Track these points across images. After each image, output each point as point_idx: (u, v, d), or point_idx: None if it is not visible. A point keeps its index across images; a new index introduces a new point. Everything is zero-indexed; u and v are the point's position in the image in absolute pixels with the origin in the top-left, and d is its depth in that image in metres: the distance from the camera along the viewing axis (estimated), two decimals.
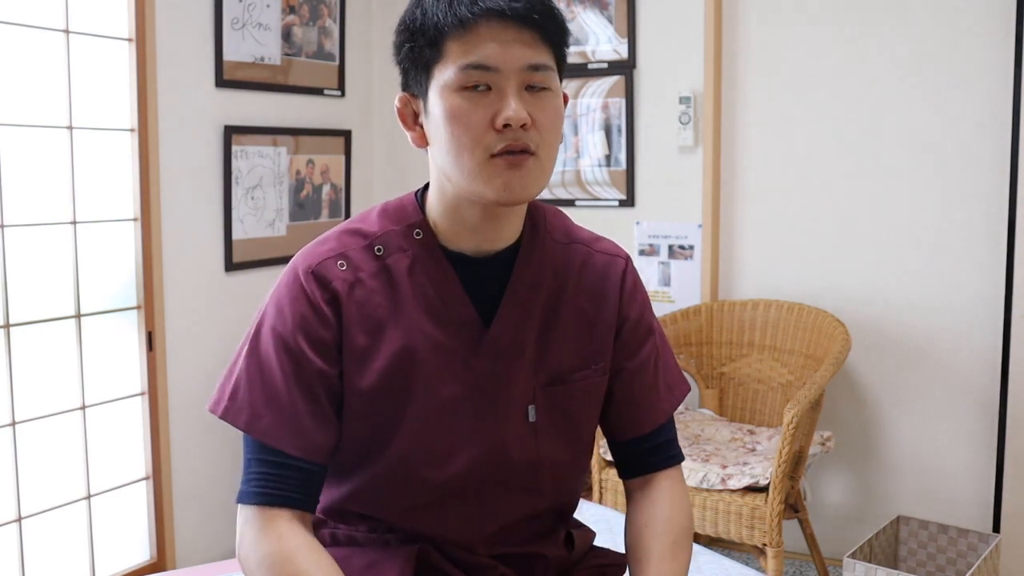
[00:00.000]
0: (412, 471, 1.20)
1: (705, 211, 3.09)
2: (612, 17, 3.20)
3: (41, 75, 2.56)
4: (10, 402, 2.50)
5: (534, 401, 1.23)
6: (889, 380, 2.91)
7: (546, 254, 1.24)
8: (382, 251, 1.19)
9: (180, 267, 2.90)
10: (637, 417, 1.31)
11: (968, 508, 2.82)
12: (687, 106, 3.08)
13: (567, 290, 1.25)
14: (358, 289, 1.18)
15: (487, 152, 1.10)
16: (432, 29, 1.11)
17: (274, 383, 1.17)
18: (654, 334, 1.32)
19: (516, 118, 1.09)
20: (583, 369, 1.25)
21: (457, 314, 1.20)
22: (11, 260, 2.49)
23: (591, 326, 1.26)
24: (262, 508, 1.16)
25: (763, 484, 2.41)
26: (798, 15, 2.95)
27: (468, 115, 1.10)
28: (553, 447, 1.25)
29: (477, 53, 1.09)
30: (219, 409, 1.21)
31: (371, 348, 1.18)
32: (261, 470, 1.17)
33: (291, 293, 1.19)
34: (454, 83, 1.10)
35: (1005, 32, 2.66)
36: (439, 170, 1.17)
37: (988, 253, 2.74)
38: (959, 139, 2.76)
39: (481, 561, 1.25)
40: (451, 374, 1.19)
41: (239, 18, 3.02)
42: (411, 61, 1.15)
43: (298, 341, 1.16)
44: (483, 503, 1.23)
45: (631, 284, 1.30)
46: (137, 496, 2.87)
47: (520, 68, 1.10)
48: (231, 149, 3.02)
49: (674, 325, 3.01)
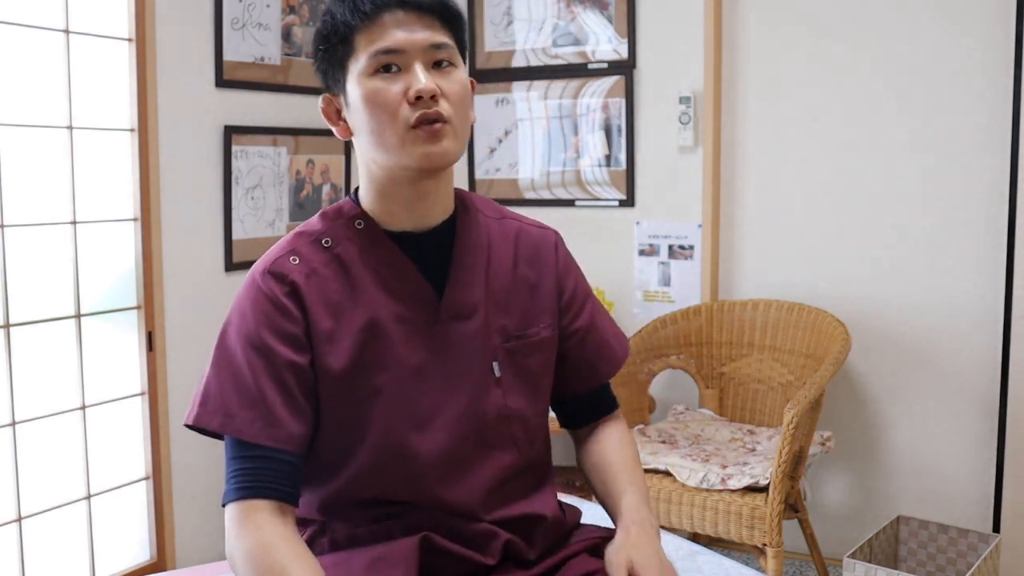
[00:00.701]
0: (399, 440, 1.27)
1: (705, 211, 3.09)
2: (612, 17, 3.20)
3: (41, 75, 2.56)
4: (10, 402, 2.50)
5: (497, 357, 1.33)
6: (889, 380, 2.91)
7: (480, 225, 1.37)
8: (330, 243, 1.29)
9: (180, 267, 2.90)
10: (593, 372, 1.47)
11: (968, 508, 2.82)
12: (687, 106, 3.08)
13: (507, 257, 1.38)
14: (314, 278, 1.26)
15: (405, 124, 1.21)
16: (342, 27, 1.24)
17: (245, 381, 1.22)
18: (591, 298, 1.48)
19: (426, 88, 1.21)
20: (533, 326, 1.38)
21: (410, 286, 1.30)
22: (11, 260, 2.49)
23: (534, 288, 1.39)
24: (242, 502, 1.21)
25: (763, 484, 2.41)
26: (798, 15, 2.95)
27: (383, 93, 1.22)
28: (518, 400, 1.35)
29: (384, 40, 1.22)
30: (191, 418, 1.25)
31: (336, 329, 1.26)
32: (240, 467, 1.22)
33: (251, 296, 1.26)
34: (367, 69, 1.23)
35: (1005, 32, 2.66)
36: (366, 157, 1.29)
37: (988, 253, 2.74)
38: (959, 139, 2.76)
39: (484, 528, 1.30)
40: (416, 342, 1.28)
41: (239, 18, 3.02)
42: (327, 62, 1.28)
43: (265, 338, 1.23)
44: (469, 461, 1.31)
45: (564, 256, 1.45)
46: (137, 496, 2.87)
47: (424, 47, 1.23)
48: (231, 149, 3.02)
49: (674, 325, 3.01)
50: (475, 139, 3.49)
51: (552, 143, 3.35)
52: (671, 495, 2.52)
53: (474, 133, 3.48)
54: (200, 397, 1.25)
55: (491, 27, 3.42)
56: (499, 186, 3.47)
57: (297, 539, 1.20)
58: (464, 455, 1.30)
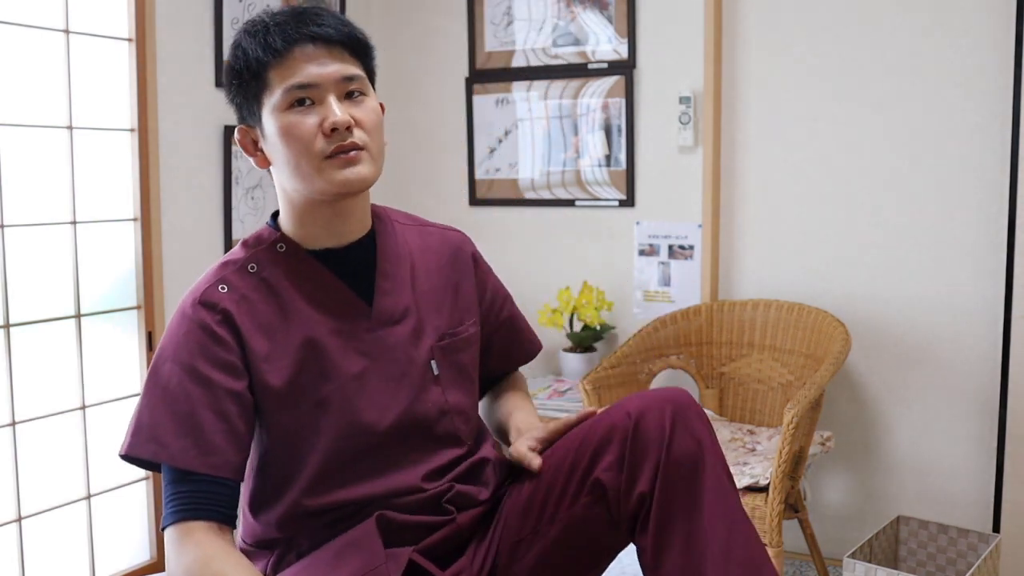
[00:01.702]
0: (348, 446, 1.30)
1: (705, 211, 3.09)
2: (612, 17, 3.20)
3: (41, 75, 2.56)
4: (10, 402, 2.50)
5: (434, 356, 1.39)
6: (889, 380, 2.91)
7: (398, 235, 1.43)
8: (255, 268, 1.33)
9: (180, 267, 2.90)
10: (511, 358, 1.62)
11: (968, 508, 2.82)
12: (687, 106, 3.08)
13: (431, 260, 1.45)
14: (244, 303, 1.30)
15: (321, 155, 1.26)
16: (254, 63, 1.27)
17: (181, 410, 1.24)
18: (509, 297, 1.61)
19: (341, 121, 1.25)
20: (460, 324, 1.45)
21: (339, 300, 1.34)
22: (11, 260, 2.49)
23: (457, 288, 1.47)
24: (180, 524, 1.22)
25: (763, 484, 2.41)
26: (798, 15, 2.95)
27: (298, 127, 1.26)
28: (455, 395, 1.41)
29: (297, 75, 1.26)
30: (124, 448, 1.26)
31: (272, 350, 1.29)
32: (177, 490, 1.24)
33: (184, 327, 1.29)
34: (282, 104, 1.26)
35: (1005, 32, 2.66)
36: (284, 185, 1.33)
37: (988, 253, 2.74)
38: (959, 139, 2.76)
39: (436, 489, 1.35)
40: (353, 351, 1.33)
41: (239, 18, 3.02)
42: (241, 96, 1.31)
43: (199, 367, 1.25)
44: (415, 458, 1.36)
45: (480, 258, 1.55)
46: (137, 496, 2.87)
47: (336, 80, 1.27)
48: (231, 149, 3.02)
49: (674, 325, 3.01)
50: (475, 139, 3.49)
51: (552, 143, 3.35)
52: None
53: (474, 133, 3.48)
54: (133, 427, 1.27)
55: (491, 27, 3.42)
56: (499, 186, 3.47)
57: (236, 551, 1.23)
58: (410, 453, 1.35)
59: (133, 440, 1.25)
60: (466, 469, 1.41)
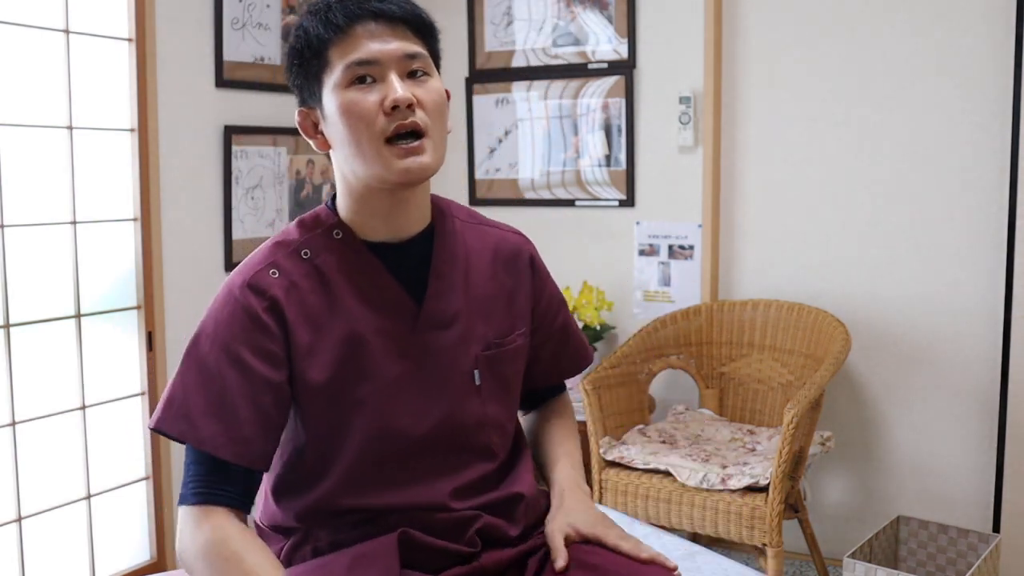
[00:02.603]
0: (379, 450, 1.28)
1: (705, 211, 3.09)
2: (612, 17, 3.20)
3: (41, 75, 2.56)
4: (10, 402, 2.50)
5: (477, 366, 1.34)
6: (889, 380, 2.91)
7: (457, 234, 1.37)
8: (308, 254, 1.28)
9: (180, 267, 2.90)
10: (561, 369, 1.54)
11: (968, 508, 2.82)
12: (687, 106, 3.08)
13: (486, 265, 1.39)
14: (294, 292, 1.26)
15: (382, 135, 1.21)
16: (315, 41, 1.24)
17: (216, 393, 1.22)
18: (564, 304, 1.55)
19: (402, 98, 1.21)
20: (510, 334, 1.39)
21: (389, 298, 1.29)
22: (11, 260, 2.49)
23: (511, 296, 1.40)
24: (199, 507, 1.22)
25: (763, 484, 2.41)
26: (798, 15, 2.95)
27: (359, 104, 1.21)
28: (494, 407, 1.36)
29: (358, 51, 1.22)
30: (154, 421, 1.25)
31: (316, 343, 1.26)
32: (200, 472, 1.22)
33: (228, 308, 1.25)
34: (342, 81, 1.22)
35: (1005, 32, 2.66)
36: (343, 169, 1.28)
37: (988, 253, 2.74)
38: (959, 139, 2.76)
39: (460, 516, 1.31)
40: (395, 353, 1.28)
41: (239, 18, 3.02)
42: (302, 76, 1.27)
43: (241, 352, 1.22)
44: (446, 469, 1.32)
45: (539, 263, 1.49)
46: (137, 496, 2.87)
47: (398, 58, 1.23)
48: (231, 149, 3.02)
49: (674, 325, 3.01)
50: (475, 139, 3.49)
51: (552, 143, 3.35)
52: (671, 495, 2.52)
53: (474, 133, 3.48)
54: (165, 400, 1.25)
55: (491, 27, 3.42)
56: (499, 186, 3.47)
57: (253, 534, 1.22)
58: (442, 463, 1.32)
59: (164, 414, 1.23)
60: (498, 500, 1.36)
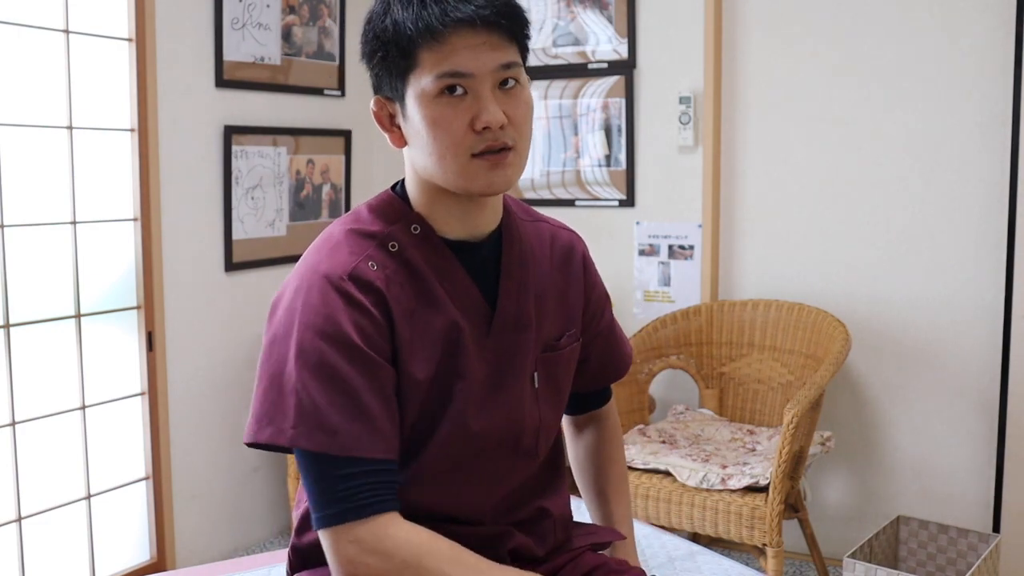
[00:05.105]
0: (454, 451, 1.24)
1: (705, 211, 3.09)
2: (612, 17, 3.20)
3: (41, 75, 2.56)
4: (10, 402, 2.50)
5: (536, 368, 1.31)
6: (889, 380, 2.91)
7: (522, 233, 1.33)
8: (396, 247, 1.22)
9: (180, 267, 2.90)
10: (607, 371, 1.49)
11: (968, 508, 2.82)
12: (687, 106, 3.08)
13: (545, 265, 1.35)
14: (393, 286, 1.20)
15: (468, 153, 1.16)
16: (404, 40, 1.15)
17: (344, 391, 1.14)
18: (610, 300, 1.51)
19: (495, 120, 1.15)
20: (563, 336, 1.36)
21: (467, 298, 1.25)
22: (11, 260, 2.49)
23: (564, 296, 1.37)
24: (367, 521, 1.13)
25: (763, 484, 2.41)
26: (798, 15, 2.95)
27: (449, 121, 1.15)
28: (547, 410, 1.34)
29: (451, 61, 1.14)
30: (284, 438, 1.13)
31: (416, 339, 1.21)
32: (350, 484, 1.13)
33: (331, 300, 1.16)
34: (432, 90, 1.15)
35: (1005, 32, 2.66)
36: (420, 169, 1.22)
37: (988, 253, 2.74)
38: (959, 139, 2.76)
39: (495, 530, 1.29)
40: (477, 354, 1.25)
41: (239, 18, 3.02)
42: (385, 69, 1.19)
43: (360, 346, 1.15)
44: (501, 472, 1.30)
45: (590, 262, 1.45)
46: (137, 496, 2.87)
47: (493, 70, 1.16)
48: (231, 149, 3.02)
49: (674, 325, 3.01)
50: None
51: (552, 143, 3.35)
52: (671, 495, 2.51)
53: None
54: (294, 415, 1.13)
55: None
56: None
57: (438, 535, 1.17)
58: (497, 466, 1.29)
59: (298, 429, 1.12)
60: (531, 515, 1.34)
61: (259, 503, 3.22)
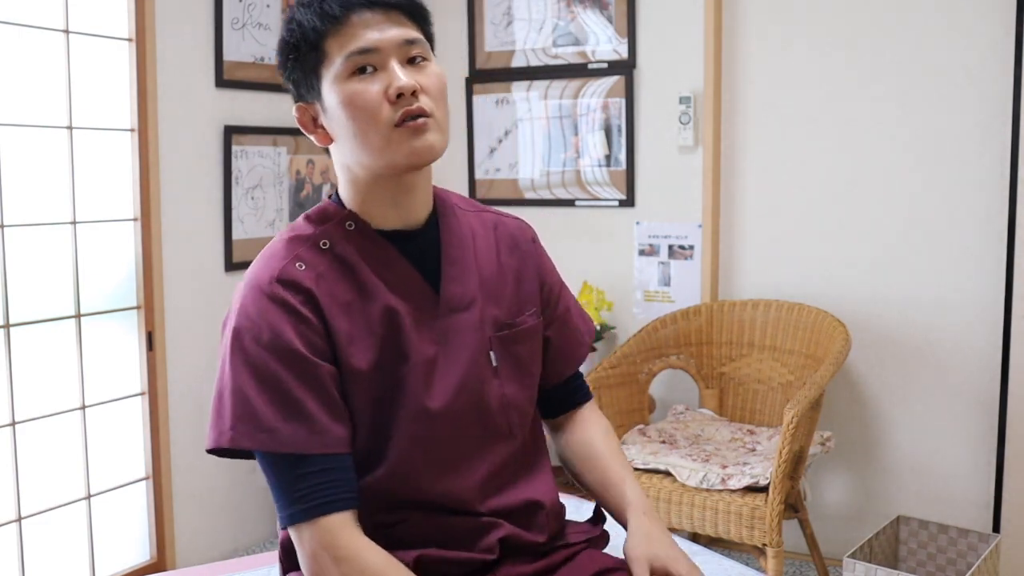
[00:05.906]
0: (418, 434, 1.26)
1: (705, 211, 3.09)
2: (612, 17, 3.20)
3: (41, 75, 2.56)
4: (10, 402, 2.50)
5: (492, 347, 1.34)
6: (889, 380, 2.91)
7: (461, 220, 1.38)
8: (328, 244, 1.27)
9: (180, 267, 2.90)
10: (567, 359, 1.50)
11: (968, 508, 2.82)
12: (687, 106, 3.08)
13: (491, 248, 1.39)
14: (323, 282, 1.24)
15: (389, 124, 1.20)
16: (311, 34, 1.22)
17: (280, 393, 1.19)
18: (565, 287, 1.52)
19: (407, 85, 1.20)
20: (520, 314, 1.39)
21: (409, 284, 1.29)
22: (11, 260, 2.49)
23: (518, 277, 1.41)
24: (319, 521, 1.17)
25: (763, 484, 2.41)
26: (798, 15, 2.95)
27: (363, 94, 1.20)
28: (512, 388, 1.36)
29: (356, 41, 1.21)
30: (224, 439, 1.19)
31: (353, 330, 1.24)
32: (299, 484, 1.18)
33: (262, 306, 1.22)
34: (343, 73, 1.21)
35: (1005, 32, 2.66)
36: (347, 161, 1.27)
37: (988, 253, 2.74)
38: (959, 139, 2.76)
39: (482, 522, 1.30)
40: (422, 336, 1.28)
41: (239, 18, 3.02)
42: (299, 71, 1.26)
43: (293, 345, 1.20)
44: (471, 452, 1.32)
45: (541, 247, 1.49)
46: (137, 496, 2.87)
47: (398, 44, 1.22)
48: (231, 149, 3.02)
49: (674, 325, 3.01)
50: (475, 139, 3.49)
51: (552, 143, 3.35)
52: (671, 495, 2.52)
53: (474, 133, 3.48)
54: (229, 418, 1.19)
55: (491, 27, 3.42)
56: (499, 186, 3.47)
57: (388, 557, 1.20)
58: (467, 446, 1.31)
59: (236, 432, 1.17)
60: (519, 506, 1.35)
61: (259, 503, 3.22)
